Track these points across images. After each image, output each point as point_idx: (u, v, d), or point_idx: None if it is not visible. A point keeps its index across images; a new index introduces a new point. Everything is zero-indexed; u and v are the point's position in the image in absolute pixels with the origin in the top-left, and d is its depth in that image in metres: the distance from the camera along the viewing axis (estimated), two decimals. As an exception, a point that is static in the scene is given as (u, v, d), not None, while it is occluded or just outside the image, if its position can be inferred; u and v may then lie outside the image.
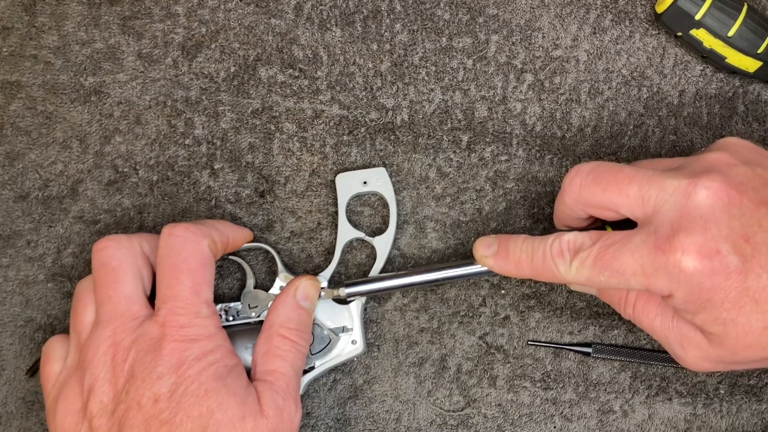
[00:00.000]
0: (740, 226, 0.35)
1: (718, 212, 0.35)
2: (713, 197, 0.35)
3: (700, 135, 0.50)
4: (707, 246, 0.35)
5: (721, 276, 0.35)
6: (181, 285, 0.40)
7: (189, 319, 0.40)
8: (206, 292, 0.41)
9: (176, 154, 0.50)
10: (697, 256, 0.35)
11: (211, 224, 0.44)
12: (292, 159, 0.50)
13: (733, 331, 0.35)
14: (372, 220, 0.49)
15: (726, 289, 0.35)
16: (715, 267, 0.35)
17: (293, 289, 0.44)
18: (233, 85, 0.51)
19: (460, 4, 0.51)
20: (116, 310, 0.40)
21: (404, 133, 0.50)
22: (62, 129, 0.50)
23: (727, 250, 0.35)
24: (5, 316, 0.49)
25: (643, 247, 0.36)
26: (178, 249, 0.41)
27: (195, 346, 0.39)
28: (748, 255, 0.34)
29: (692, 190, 0.36)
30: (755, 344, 0.35)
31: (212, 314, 0.41)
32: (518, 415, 0.47)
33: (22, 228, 0.50)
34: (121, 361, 0.39)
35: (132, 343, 0.39)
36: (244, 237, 0.46)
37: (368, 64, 0.51)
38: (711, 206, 0.35)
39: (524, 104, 0.50)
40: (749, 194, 0.35)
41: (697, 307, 0.36)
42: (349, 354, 0.45)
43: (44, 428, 0.48)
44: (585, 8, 0.51)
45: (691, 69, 0.51)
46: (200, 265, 0.41)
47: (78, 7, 0.51)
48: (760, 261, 0.34)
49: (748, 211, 0.35)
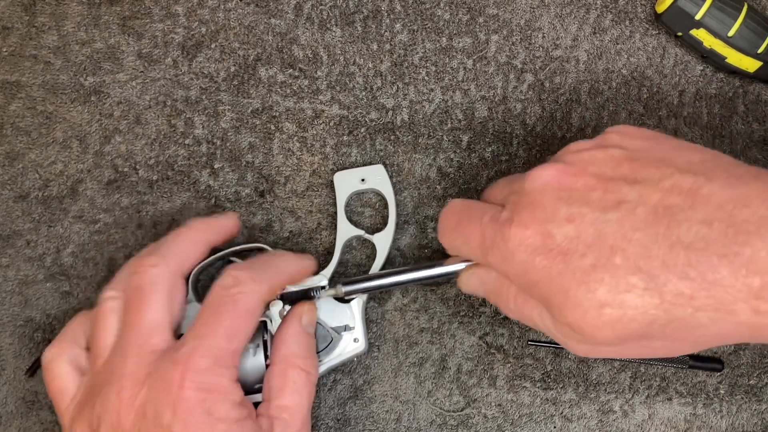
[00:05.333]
0: (567, 208, 0.35)
1: (546, 196, 0.36)
2: (544, 182, 0.36)
3: (700, 135, 0.50)
4: (531, 226, 0.35)
5: (543, 256, 0.35)
6: (218, 325, 0.38)
7: (210, 364, 0.37)
8: (238, 341, 0.39)
9: (176, 153, 0.50)
10: (521, 236, 0.35)
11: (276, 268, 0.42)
12: (292, 159, 0.50)
13: (572, 315, 0.34)
14: (373, 220, 0.49)
15: (549, 269, 0.35)
16: (537, 247, 0.35)
17: (298, 316, 0.43)
18: (233, 85, 0.51)
19: (460, 4, 0.51)
20: (136, 341, 0.39)
21: (404, 133, 0.50)
22: (62, 129, 0.50)
23: (550, 231, 0.35)
24: (5, 316, 0.49)
25: (490, 221, 0.38)
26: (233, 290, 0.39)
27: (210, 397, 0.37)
28: (572, 236, 0.34)
29: (531, 175, 0.37)
30: (601, 324, 0.34)
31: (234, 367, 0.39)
32: (518, 415, 0.47)
33: (22, 228, 0.49)
34: (133, 397, 0.37)
35: (146, 377, 0.38)
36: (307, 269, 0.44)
37: (368, 64, 0.51)
38: (541, 191, 0.36)
39: (524, 104, 0.50)
40: (585, 178, 0.36)
41: (530, 289, 0.36)
42: (351, 352, 0.45)
43: (44, 428, 0.48)
44: (585, 8, 0.51)
45: (691, 69, 0.51)
46: (246, 312, 0.39)
47: (78, 7, 0.51)
48: (585, 240, 0.34)
49: (578, 194, 0.35)
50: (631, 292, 0.33)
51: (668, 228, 0.33)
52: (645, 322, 0.33)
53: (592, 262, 0.34)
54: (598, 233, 0.34)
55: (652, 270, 0.33)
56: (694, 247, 0.32)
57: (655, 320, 0.33)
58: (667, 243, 0.33)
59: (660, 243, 0.33)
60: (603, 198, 0.35)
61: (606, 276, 0.33)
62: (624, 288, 0.33)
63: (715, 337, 0.33)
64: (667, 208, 0.33)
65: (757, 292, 0.31)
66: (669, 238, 0.33)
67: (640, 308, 0.33)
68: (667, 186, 0.34)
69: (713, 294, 0.32)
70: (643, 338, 0.34)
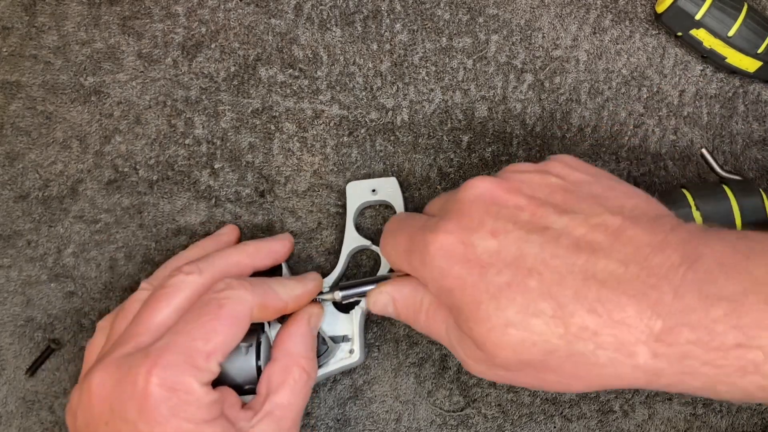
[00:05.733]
0: (493, 222, 0.35)
1: (475, 206, 0.36)
2: (477, 193, 0.36)
3: (700, 135, 0.50)
4: (454, 233, 0.35)
5: (461, 265, 0.35)
6: (195, 323, 0.38)
7: (180, 362, 0.36)
8: (217, 343, 0.38)
9: (176, 153, 0.50)
10: (443, 241, 0.35)
11: (269, 286, 0.41)
12: (292, 159, 0.50)
13: (478, 330, 0.34)
14: (374, 221, 0.49)
15: (465, 279, 0.35)
16: (457, 255, 0.35)
17: (307, 317, 0.43)
18: (233, 85, 0.51)
19: (460, 4, 0.51)
20: (132, 334, 0.39)
21: (404, 133, 0.50)
22: (62, 129, 0.50)
23: (471, 241, 0.35)
24: (5, 316, 0.49)
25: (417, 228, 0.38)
26: (221, 294, 0.39)
27: (174, 397, 0.36)
28: (492, 251, 0.34)
29: (466, 184, 0.37)
30: (502, 343, 0.34)
31: (208, 370, 0.37)
32: (518, 415, 0.47)
33: (23, 228, 0.50)
34: (101, 386, 0.37)
35: (116, 369, 0.37)
36: (307, 295, 0.43)
37: (368, 64, 0.51)
38: (472, 201, 0.36)
39: (524, 104, 0.50)
40: (517, 197, 0.36)
41: (444, 297, 0.36)
42: (345, 363, 0.45)
43: (44, 428, 0.48)
44: (585, 8, 0.51)
45: (691, 69, 0.51)
46: (230, 317, 0.38)
47: (78, 7, 0.51)
48: (505, 258, 0.34)
49: (507, 211, 0.35)
50: (538, 317, 0.33)
51: (586, 261, 0.33)
52: (545, 350, 0.33)
53: (508, 280, 0.34)
54: (518, 253, 0.34)
55: (563, 299, 0.33)
56: (607, 284, 0.32)
57: (556, 350, 0.33)
58: (582, 275, 0.33)
59: (575, 274, 0.33)
60: (530, 220, 0.35)
61: (518, 296, 0.33)
62: (533, 312, 0.33)
63: (612, 378, 0.33)
64: (590, 243, 0.34)
65: (657, 335, 0.31)
66: (585, 271, 0.33)
67: (544, 335, 0.33)
68: (594, 223, 0.34)
69: (616, 333, 0.32)
70: (540, 369, 0.35)
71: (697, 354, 0.31)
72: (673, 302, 0.31)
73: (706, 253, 0.32)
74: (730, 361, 0.31)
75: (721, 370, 0.31)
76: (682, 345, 0.31)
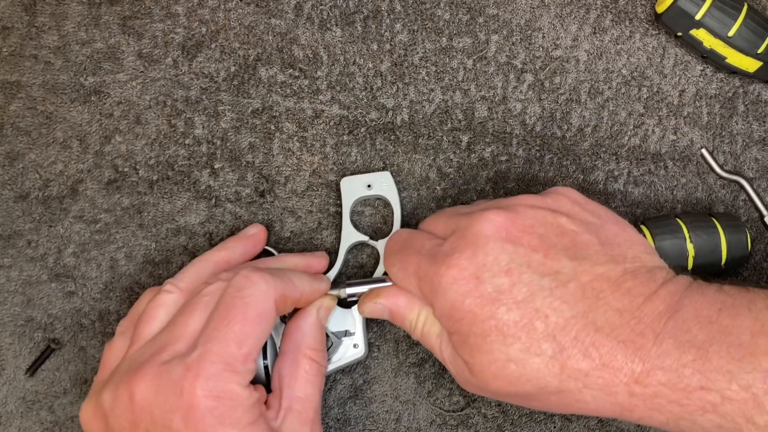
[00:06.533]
0: (508, 260, 0.37)
1: (491, 243, 0.37)
2: (492, 229, 0.37)
3: (700, 135, 0.50)
4: (469, 268, 0.37)
5: (473, 299, 0.36)
6: (228, 329, 0.38)
7: (220, 370, 0.37)
8: (250, 345, 0.38)
9: (176, 153, 0.50)
10: (457, 275, 0.37)
11: (288, 277, 0.41)
12: (292, 159, 0.50)
13: (479, 359, 0.37)
14: (373, 219, 0.49)
15: (475, 313, 0.36)
16: (470, 289, 0.37)
17: (316, 308, 0.43)
18: (233, 85, 0.51)
19: (460, 4, 0.51)
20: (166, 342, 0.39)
21: (404, 133, 0.50)
22: (62, 129, 0.50)
23: (486, 278, 0.36)
24: (5, 316, 0.49)
25: (428, 254, 0.39)
26: (244, 293, 0.39)
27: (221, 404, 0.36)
28: (504, 288, 0.36)
29: (479, 218, 0.38)
30: (501, 375, 0.36)
31: (247, 371, 0.38)
32: (518, 415, 0.47)
33: (23, 228, 0.50)
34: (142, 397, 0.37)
35: (155, 378, 0.37)
36: (318, 293, 0.44)
37: (368, 64, 0.51)
38: (487, 236, 0.37)
39: (524, 104, 0.50)
40: (531, 237, 0.38)
41: (450, 325, 0.38)
42: (350, 358, 0.45)
43: (44, 428, 0.48)
44: (585, 8, 0.51)
45: (691, 69, 0.51)
46: (258, 316, 0.38)
47: (78, 7, 0.51)
48: (516, 297, 0.36)
49: (522, 250, 0.37)
50: (539, 357, 0.36)
51: (588, 308, 0.36)
52: (538, 386, 0.36)
53: (516, 319, 0.36)
54: (529, 293, 0.36)
55: (564, 342, 0.35)
56: (602, 330, 0.35)
57: (548, 386, 0.36)
58: (583, 321, 0.36)
59: (578, 320, 0.36)
60: (543, 263, 0.37)
61: (524, 335, 0.36)
62: (535, 351, 0.36)
63: (591, 410, 0.37)
64: (594, 290, 0.36)
65: (637, 377, 0.34)
66: (586, 317, 0.36)
67: (541, 373, 0.36)
68: (599, 272, 0.37)
69: (604, 375, 0.35)
70: (527, 398, 0.38)
71: (666, 393, 0.34)
72: (652, 347, 0.35)
73: (687, 304, 0.36)
74: (692, 401, 0.34)
75: (684, 408, 0.34)
76: (654, 386, 0.34)
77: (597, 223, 0.40)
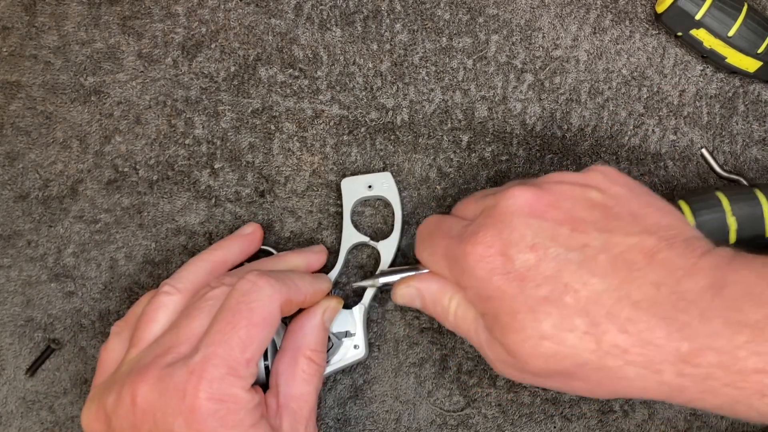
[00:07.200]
0: (533, 236, 0.36)
1: (516, 218, 0.36)
2: (517, 205, 0.37)
3: (700, 135, 0.50)
4: (495, 245, 0.36)
5: (500, 276, 0.36)
6: (233, 333, 0.37)
7: (224, 374, 0.37)
8: (254, 349, 0.38)
9: (176, 153, 0.50)
10: (483, 252, 0.36)
11: (292, 280, 0.41)
12: (292, 159, 0.50)
13: (512, 338, 0.36)
14: (373, 219, 0.49)
15: (503, 290, 0.36)
16: (497, 266, 0.36)
17: (322, 309, 0.43)
18: (233, 85, 0.51)
19: (460, 4, 0.51)
20: (169, 344, 0.39)
21: (404, 133, 0.50)
22: (62, 129, 0.50)
23: (512, 254, 0.36)
24: (5, 316, 0.49)
25: (456, 235, 0.39)
26: (250, 297, 0.39)
27: (223, 407, 0.36)
28: (531, 264, 0.36)
29: (507, 193, 0.37)
30: (536, 354, 0.35)
31: (250, 375, 0.38)
32: (518, 415, 0.47)
33: (23, 228, 0.50)
34: (144, 399, 0.37)
35: (158, 381, 0.37)
36: (321, 293, 0.44)
37: (368, 64, 0.51)
38: (512, 213, 0.37)
39: (524, 104, 0.50)
40: (556, 211, 0.37)
41: (482, 305, 0.37)
42: (351, 359, 0.45)
43: (44, 428, 0.48)
44: (585, 8, 0.51)
45: (691, 69, 0.51)
46: (263, 321, 0.38)
47: (78, 7, 0.51)
48: (543, 272, 0.35)
49: (547, 225, 0.36)
50: (573, 332, 0.35)
51: (622, 282, 0.34)
52: (576, 363, 0.35)
53: (545, 295, 0.35)
54: (557, 269, 0.35)
55: (597, 317, 0.34)
56: (639, 305, 0.34)
57: (587, 363, 0.35)
58: (616, 295, 0.34)
59: (611, 293, 0.34)
60: (570, 236, 0.36)
61: (554, 311, 0.35)
62: (567, 327, 0.35)
63: (637, 390, 0.35)
64: (626, 262, 0.35)
65: (684, 356, 0.33)
66: (619, 291, 0.34)
67: (577, 349, 0.35)
68: (631, 243, 0.35)
69: (645, 352, 0.34)
70: (569, 377, 0.36)
71: (719, 376, 0.33)
72: (699, 326, 0.33)
73: (734, 280, 0.34)
74: (749, 384, 0.32)
75: (741, 391, 0.33)
76: (705, 367, 0.33)
77: (628, 195, 0.38)
